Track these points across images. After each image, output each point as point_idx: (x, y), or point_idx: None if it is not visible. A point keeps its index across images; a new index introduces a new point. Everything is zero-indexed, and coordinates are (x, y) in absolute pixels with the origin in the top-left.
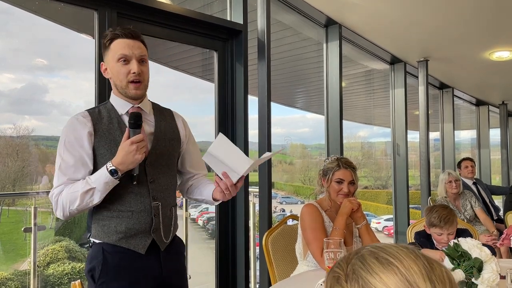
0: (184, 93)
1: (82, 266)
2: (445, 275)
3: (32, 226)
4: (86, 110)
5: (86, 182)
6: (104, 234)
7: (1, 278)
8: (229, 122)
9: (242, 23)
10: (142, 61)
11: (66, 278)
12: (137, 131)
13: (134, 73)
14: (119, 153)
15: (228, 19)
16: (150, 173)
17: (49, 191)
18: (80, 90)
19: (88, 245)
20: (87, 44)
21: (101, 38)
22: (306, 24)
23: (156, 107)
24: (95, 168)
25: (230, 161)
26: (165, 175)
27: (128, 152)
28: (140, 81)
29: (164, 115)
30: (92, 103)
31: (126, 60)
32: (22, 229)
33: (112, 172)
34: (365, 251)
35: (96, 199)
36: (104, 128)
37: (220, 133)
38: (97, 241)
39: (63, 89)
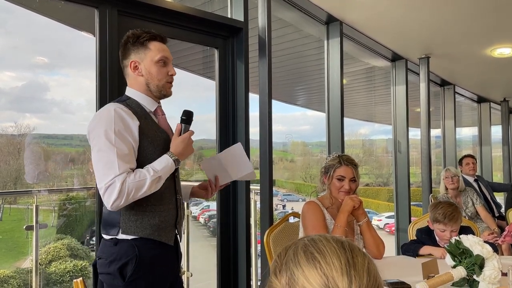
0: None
1: (83, 264)
2: (365, 270)
3: (34, 224)
4: (119, 103)
5: (153, 171)
6: (137, 228)
7: (3, 276)
8: (230, 119)
9: (242, 20)
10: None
11: (68, 276)
12: (187, 127)
13: (172, 75)
14: (179, 145)
15: (229, 16)
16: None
17: (49, 189)
18: (80, 88)
19: (109, 242)
20: (87, 42)
21: (101, 35)
22: (307, 21)
23: None
24: (137, 161)
25: (232, 167)
26: (179, 173)
27: (188, 145)
28: (172, 82)
29: None
30: (93, 101)
31: (165, 62)
32: (24, 227)
33: (175, 162)
34: (301, 243)
35: (159, 186)
36: (144, 123)
37: (239, 143)
38: (128, 237)
39: (64, 87)
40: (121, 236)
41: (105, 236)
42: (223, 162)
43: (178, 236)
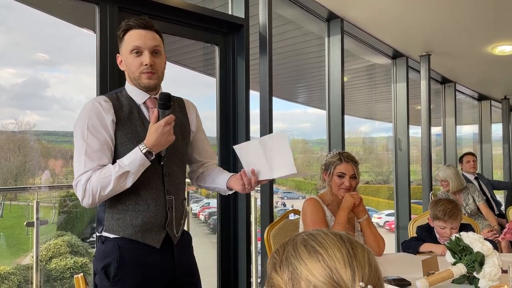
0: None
1: (84, 261)
2: (366, 260)
3: (34, 221)
4: (105, 95)
5: (119, 166)
6: (119, 228)
7: (4, 272)
8: (231, 117)
9: (243, 17)
10: (155, 52)
11: (68, 272)
12: (166, 112)
13: (146, 65)
14: (152, 134)
15: (230, 13)
16: (166, 166)
17: (50, 186)
18: (81, 85)
19: (99, 240)
20: (88, 38)
21: (102, 32)
22: (308, 18)
23: None
24: (116, 157)
25: (273, 161)
26: (178, 169)
27: (162, 134)
28: (153, 72)
29: (176, 108)
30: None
31: (138, 51)
32: (25, 223)
33: (147, 154)
34: (299, 238)
35: (129, 183)
36: (125, 116)
37: (285, 131)
38: (110, 236)
39: (64, 84)
40: (105, 234)
41: (97, 233)
42: (263, 152)
43: (170, 238)
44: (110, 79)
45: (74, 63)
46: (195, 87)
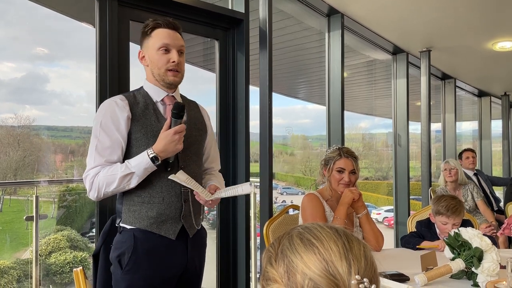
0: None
1: (83, 255)
2: (362, 253)
3: (34, 215)
4: (122, 95)
5: (126, 166)
6: (135, 219)
7: (3, 266)
8: (231, 112)
9: (243, 12)
10: (180, 52)
11: (67, 267)
12: (178, 121)
13: (173, 62)
14: (161, 141)
15: (230, 8)
16: (182, 159)
17: (49, 180)
18: (80, 80)
19: (117, 230)
20: (87, 33)
21: (101, 26)
22: (308, 13)
23: (184, 98)
24: (128, 152)
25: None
26: (194, 163)
27: (170, 142)
28: (178, 70)
29: (191, 106)
30: (93, 93)
31: (167, 49)
32: (24, 217)
33: (153, 159)
34: (295, 231)
35: (133, 183)
36: (140, 113)
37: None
38: (127, 226)
39: (64, 78)
40: (122, 225)
41: (116, 224)
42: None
43: (186, 230)
44: (109, 74)
45: (73, 58)
46: (195, 82)
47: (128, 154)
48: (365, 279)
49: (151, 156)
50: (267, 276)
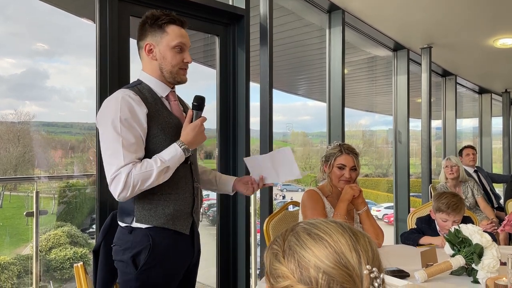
0: None
1: (83, 251)
2: (368, 244)
3: (34, 211)
4: (128, 89)
5: (160, 161)
6: (151, 217)
7: (4, 262)
8: (231, 109)
9: (244, 7)
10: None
11: (68, 263)
12: (199, 113)
13: (187, 62)
14: (189, 133)
15: (230, 3)
16: (190, 155)
17: (49, 176)
18: (80, 76)
19: (125, 230)
20: (87, 28)
21: (101, 22)
22: (308, 9)
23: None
24: (146, 149)
25: (279, 168)
26: (196, 159)
27: (199, 133)
28: (186, 69)
29: (184, 104)
30: (93, 89)
31: (181, 49)
32: (24, 213)
33: (185, 151)
34: (299, 228)
35: (167, 177)
36: (153, 109)
37: (288, 148)
38: (142, 226)
39: (64, 74)
40: (135, 224)
41: (121, 224)
42: (271, 163)
43: (195, 224)
44: (109, 70)
45: (73, 54)
46: (195, 78)
47: (146, 150)
48: (374, 269)
49: (182, 148)
50: (276, 273)
